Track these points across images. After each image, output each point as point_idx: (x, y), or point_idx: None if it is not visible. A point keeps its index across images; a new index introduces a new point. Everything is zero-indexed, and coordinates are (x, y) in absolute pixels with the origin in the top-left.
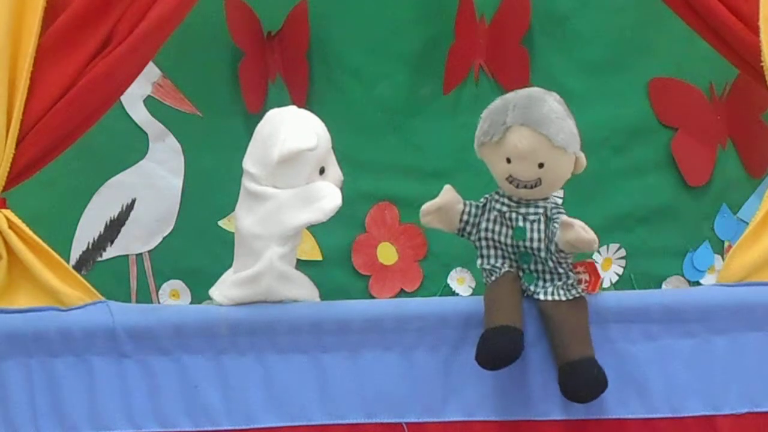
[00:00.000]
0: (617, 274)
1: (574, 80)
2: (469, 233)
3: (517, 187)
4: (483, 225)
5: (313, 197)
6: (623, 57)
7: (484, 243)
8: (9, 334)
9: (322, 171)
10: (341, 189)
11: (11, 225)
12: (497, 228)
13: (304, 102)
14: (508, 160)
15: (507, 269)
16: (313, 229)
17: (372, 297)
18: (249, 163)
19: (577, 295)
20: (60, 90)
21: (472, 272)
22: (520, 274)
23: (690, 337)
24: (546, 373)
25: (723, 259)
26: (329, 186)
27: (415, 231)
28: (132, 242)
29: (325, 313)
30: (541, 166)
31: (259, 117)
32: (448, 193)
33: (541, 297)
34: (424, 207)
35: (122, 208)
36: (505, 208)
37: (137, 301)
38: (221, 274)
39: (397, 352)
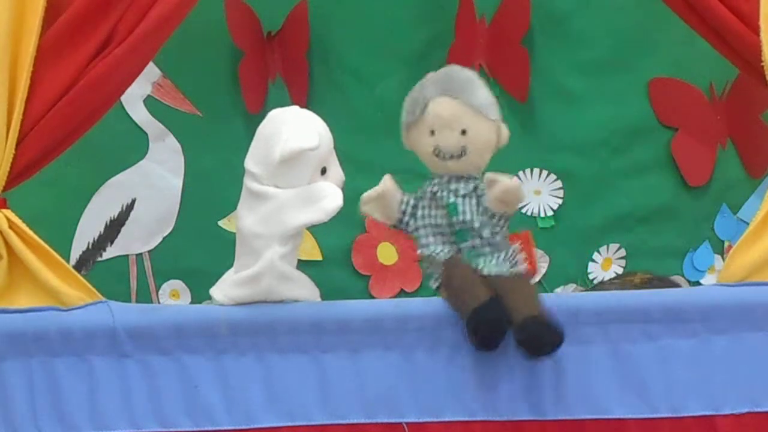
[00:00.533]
0: (617, 274)
1: (574, 80)
2: (407, 223)
3: (444, 158)
4: (419, 213)
5: (314, 197)
6: (623, 57)
7: (422, 231)
8: (9, 334)
9: (323, 171)
10: (342, 189)
11: (11, 225)
12: (432, 212)
13: (304, 102)
14: (432, 133)
15: (446, 254)
16: (313, 229)
17: (372, 297)
18: (251, 162)
19: (522, 272)
20: (60, 90)
21: None
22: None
23: (690, 337)
24: (547, 373)
25: (723, 259)
26: (331, 186)
27: None
28: (132, 242)
29: (325, 313)
30: (464, 132)
31: (259, 117)
32: (388, 182)
33: (485, 272)
34: (365, 195)
35: (122, 208)
36: (436, 188)
37: (137, 301)
38: (221, 274)
39: (397, 352)
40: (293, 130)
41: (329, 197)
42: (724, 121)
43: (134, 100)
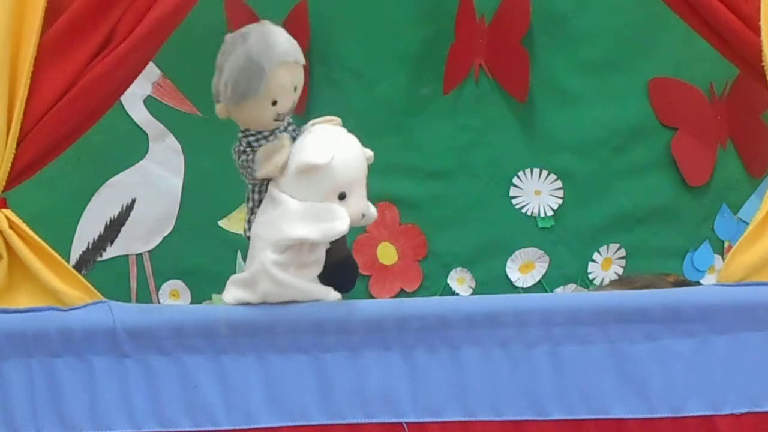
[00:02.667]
0: (617, 274)
1: (574, 80)
2: None
3: (282, 119)
4: None
5: (321, 217)
6: (623, 57)
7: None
8: (9, 334)
9: (342, 197)
10: (358, 220)
11: (12, 225)
12: None
13: (304, 102)
14: (274, 103)
15: None
16: None
17: (372, 297)
18: None
19: None
20: (60, 90)
21: (472, 272)
22: None
23: (690, 337)
24: (547, 373)
25: (723, 259)
26: (342, 212)
27: (415, 231)
28: (132, 242)
29: (325, 313)
30: (295, 89)
31: None
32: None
33: None
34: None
35: (122, 208)
36: None
37: (137, 301)
38: (221, 274)
39: (397, 352)
40: (312, 143)
41: (336, 222)
42: (724, 121)
43: (134, 100)
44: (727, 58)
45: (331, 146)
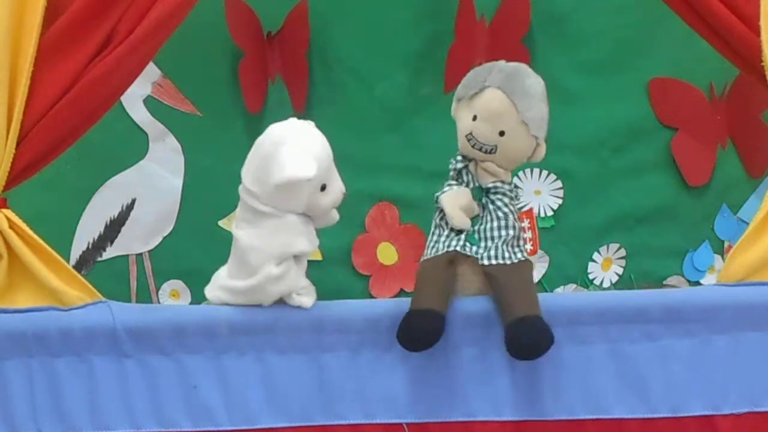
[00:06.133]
0: (617, 274)
1: (574, 80)
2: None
3: (473, 146)
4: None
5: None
6: (623, 57)
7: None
8: (9, 334)
9: (323, 188)
10: (342, 200)
11: (12, 225)
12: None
13: (303, 102)
14: (474, 118)
15: (447, 248)
16: None
17: (372, 297)
18: (248, 178)
19: (522, 258)
20: (60, 90)
21: None
22: (463, 236)
23: (690, 337)
24: (547, 373)
25: (723, 259)
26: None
27: (415, 231)
28: (132, 242)
29: (325, 313)
30: (501, 134)
31: (259, 117)
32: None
33: (485, 262)
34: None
35: (122, 208)
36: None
37: (137, 301)
38: None
39: (397, 352)
40: (290, 156)
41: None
42: (724, 121)
43: (134, 100)
44: (727, 58)
45: (309, 152)
